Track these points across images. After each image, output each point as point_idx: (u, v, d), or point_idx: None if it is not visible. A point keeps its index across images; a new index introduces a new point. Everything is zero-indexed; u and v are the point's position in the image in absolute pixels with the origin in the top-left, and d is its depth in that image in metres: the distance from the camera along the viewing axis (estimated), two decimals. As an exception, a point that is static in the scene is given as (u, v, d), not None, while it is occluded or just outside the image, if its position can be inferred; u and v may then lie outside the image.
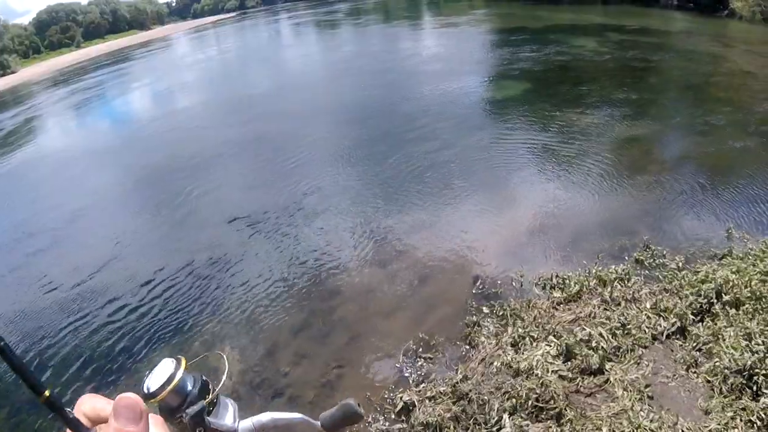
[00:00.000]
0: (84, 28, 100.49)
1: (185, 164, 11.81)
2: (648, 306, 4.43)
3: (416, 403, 3.95)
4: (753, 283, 4.35)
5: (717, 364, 3.68)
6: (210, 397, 1.13)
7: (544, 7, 30.26)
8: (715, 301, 4.32)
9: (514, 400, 3.64)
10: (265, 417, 1.19)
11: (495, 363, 4.11)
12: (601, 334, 4.08)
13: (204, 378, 1.16)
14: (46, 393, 0.59)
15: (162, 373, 1.12)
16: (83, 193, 11.50)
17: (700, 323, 4.19)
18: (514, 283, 5.39)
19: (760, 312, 4.10)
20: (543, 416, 3.55)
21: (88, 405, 0.64)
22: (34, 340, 6.33)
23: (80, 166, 14.00)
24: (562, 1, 32.29)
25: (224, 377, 1.18)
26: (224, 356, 1.25)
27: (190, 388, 1.14)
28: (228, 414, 1.18)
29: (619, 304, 4.54)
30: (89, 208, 10.50)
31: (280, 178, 9.76)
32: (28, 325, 6.73)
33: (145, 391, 1.09)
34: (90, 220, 9.84)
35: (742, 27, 20.04)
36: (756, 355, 3.60)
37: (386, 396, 4.24)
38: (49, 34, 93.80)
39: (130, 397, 0.59)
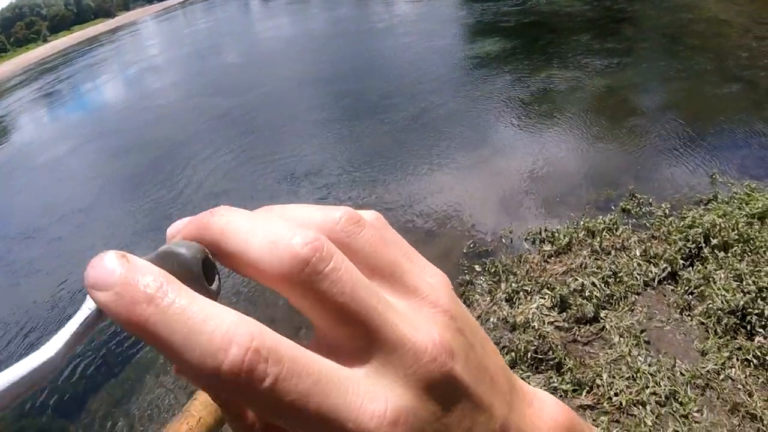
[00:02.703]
0: (49, 21, 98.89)
1: (174, 143, 11.75)
2: (638, 253, 4.45)
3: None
4: (740, 226, 4.39)
5: (710, 306, 3.73)
6: None
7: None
8: (704, 245, 4.34)
9: (513, 354, 3.66)
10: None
11: (491, 319, 4.13)
12: (593, 284, 4.11)
13: None
14: None
15: None
16: (86, 180, 11.37)
17: (691, 267, 4.22)
18: (504, 240, 5.39)
19: (749, 253, 4.15)
20: (543, 367, 3.58)
21: None
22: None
23: (79, 154, 13.81)
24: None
25: None
26: None
27: None
28: None
29: (609, 254, 4.56)
30: (96, 193, 10.39)
31: (257, 153, 9.71)
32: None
33: None
34: (96, 208, 9.71)
35: (714, -25, 20.02)
36: (747, 295, 3.64)
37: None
38: (14, 31, 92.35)
39: None
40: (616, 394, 3.25)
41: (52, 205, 10.40)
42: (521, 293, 4.31)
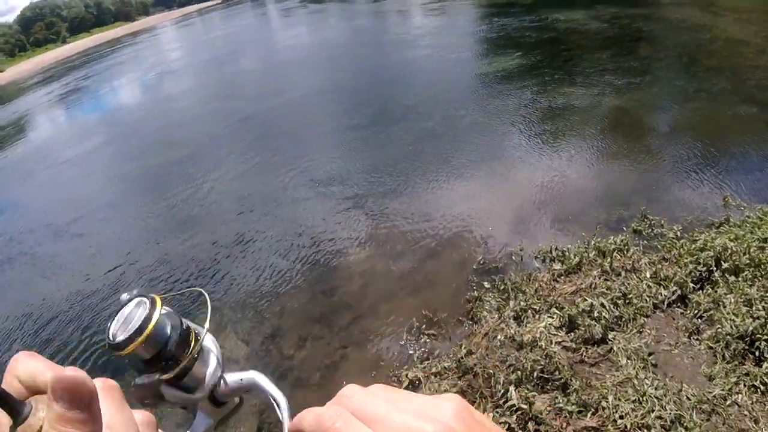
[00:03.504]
0: (69, 22, 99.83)
1: (196, 145, 11.98)
2: (648, 275, 4.45)
3: (422, 380, 3.98)
4: (751, 250, 4.38)
5: (719, 330, 3.72)
6: (195, 345, 0.83)
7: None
8: (715, 268, 4.34)
9: (519, 373, 3.66)
10: (251, 376, 0.89)
11: (498, 337, 4.14)
12: (602, 304, 4.11)
13: (184, 321, 0.83)
14: None
15: (132, 316, 0.78)
16: (109, 178, 11.68)
17: (701, 291, 4.21)
18: (514, 257, 5.40)
19: (759, 278, 4.13)
20: (549, 387, 3.58)
21: (24, 367, 0.49)
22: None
23: (102, 152, 14.08)
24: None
25: (209, 320, 0.87)
26: (205, 293, 0.87)
27: (168, 333, 0.80)
28: (211, 364, 0.86)
29: (619, 275, 4.56)
30: (119, 191, 10.69)
31: (277, 158, 9.86)
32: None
33: (111, 339, 0.76)
34: (109, 211, 9.80)
35: (732, -5, 19.98)
36: (757, 320, 3.64)
37: (391, 374, 4.25)
38: (34, 32, 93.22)
39: (73, 376, 0.44)
40: (621, 417, 3.24)
41: (75, 201, 10.61)
42: (529, 312, 4.31)
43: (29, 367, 0.49)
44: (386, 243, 6.28)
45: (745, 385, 3.34)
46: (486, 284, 5.00)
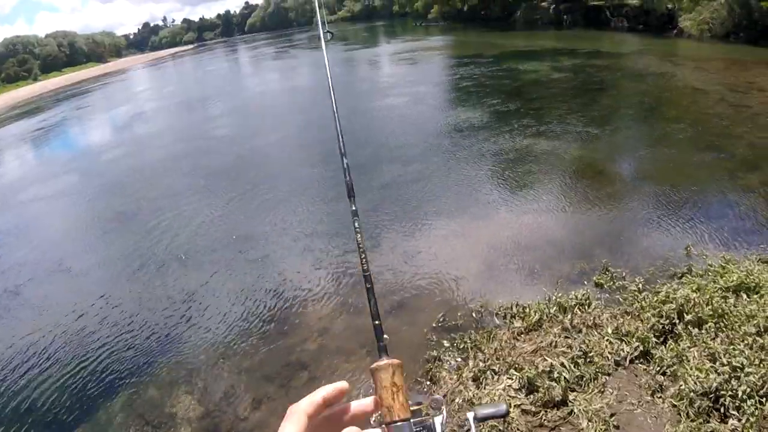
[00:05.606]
0: (41, 61, 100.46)
1: (148, 200, 11.59)
2: (609, 331, 4.33)
3: (377, 447, 3.78)
4: (714, 301, 4.30)
5: (682, 387, 3.59)
6: None
7: (498, 34, 30.99)
8: (678, 321, 4.24)
9: (476, 439, 3.49)
10: None
11: (456, 400, 3.96)
12: (562, 364, 3.96)
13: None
14: None
15: None
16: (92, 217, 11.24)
17: (663, 345, 4.10)
18: (474, 314, 5.27)
19: (723, 330, 4.04)
20: (507, 455, 3.41)
21: None
22: None
23: (77, 194, 13.55)
24: (516, 28, 33.06)
25: None
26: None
27: None
28: None
29: (580, 331, 4.43)
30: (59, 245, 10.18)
31: (251, 202, 9.84)
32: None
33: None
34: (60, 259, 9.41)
35: (691, 45, 20.66)
36: (721, 376, 3.51)
37: (347, 439, 4.05)
38: (5, 68, 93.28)
39: None
40: (582, 486, 3.08)
41: (50, 238, 10.34)
42: (488, 373, 4.15)
43: None
44: (346, 299, 6.12)
45: (710, 445, 3.20)
46: (446, 343, 4.85)
